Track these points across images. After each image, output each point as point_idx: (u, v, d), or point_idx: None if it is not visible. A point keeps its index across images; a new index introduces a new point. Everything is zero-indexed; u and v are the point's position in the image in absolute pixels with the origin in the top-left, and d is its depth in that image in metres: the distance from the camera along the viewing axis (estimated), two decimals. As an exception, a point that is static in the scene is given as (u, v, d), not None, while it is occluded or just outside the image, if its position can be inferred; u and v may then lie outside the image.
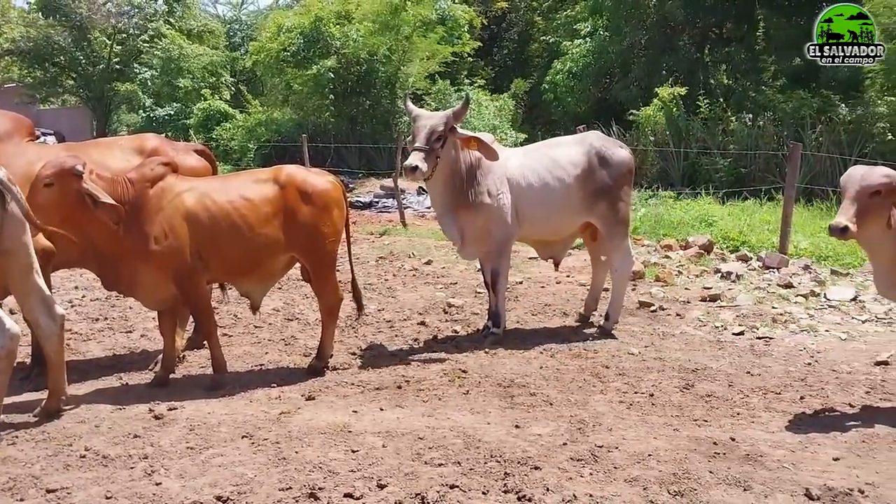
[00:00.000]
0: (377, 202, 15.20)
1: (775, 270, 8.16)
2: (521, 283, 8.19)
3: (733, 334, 6.31)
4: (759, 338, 6.22)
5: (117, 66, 29.83)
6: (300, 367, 5.53)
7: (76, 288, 7.98)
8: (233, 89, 27.35)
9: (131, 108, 29.91)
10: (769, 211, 11.23)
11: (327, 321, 5.40)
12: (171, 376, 5.25)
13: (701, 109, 14.98)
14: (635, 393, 4.99)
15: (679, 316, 6.86)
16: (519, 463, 3.91)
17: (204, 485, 3.71)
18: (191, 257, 4.83)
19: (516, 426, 4.41)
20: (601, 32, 19.97)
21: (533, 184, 6.04)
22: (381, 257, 9.76)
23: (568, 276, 8.51)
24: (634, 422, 4.50)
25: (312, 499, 3.56)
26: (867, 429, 4.39)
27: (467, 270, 8.70)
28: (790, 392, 5.02)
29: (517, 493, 3.59)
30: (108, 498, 3.60)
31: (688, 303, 7.26)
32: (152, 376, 5.27)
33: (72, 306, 7.26)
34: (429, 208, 13.95)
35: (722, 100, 15.06)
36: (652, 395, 4.93)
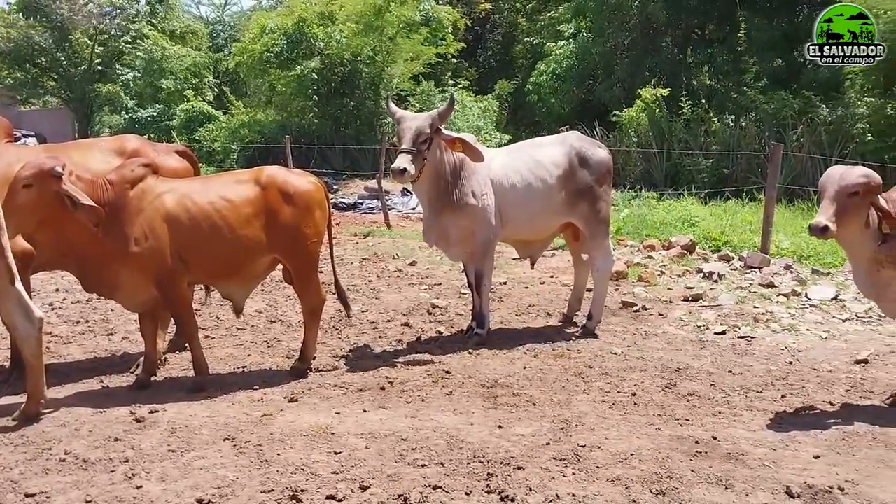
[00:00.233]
0: (361, 203, 15.17)
1: (757, 270, 8.21)
2: (504, 284, 8.20)
3: (715, 334, 6.35)
4: (741, 337, 6.26)
5: (99, 68, 29.63)
6: (283, 369, 5.51)
7: (57, 290, 7.91)
8: (216, 90, 27.27)
9: (114, 109, 29.75)
10: (751, 211, 11.30)
11: (310, 323, 5.38)
12: (153, 379, 5.22)
13: (683, 110, 15.07)
14: (618, 392, 5.01)
15: (661, 316, 6.89)
16: (502, 463, 3.91)
17: (185, 488, 3.69)
18: (171, 259, 4.81)
19: (499, 426, 4.41)
20: (584, 34, 20.05)
21: (516, 185, 6.05)
22: (364, 258, 9.74)
23: (552, 277, 8.53)
24: (617, 421, 4.52)
25: (295, 501, 3.55)
26: (847, 427, 4.43)
27: (451, 271, 8.70)
28: (771, 391, 5.05)
29: (500, 494, 3.59)
30: (87, 502, 3.57)
31: (670, 302, 7.30)
32: (133, 379, 5.23)
33: (52, 309, 7.20)
34: (414, 209, 13.96)
35: (704, 101, 15.15)
36: (634, 395, 4.95)
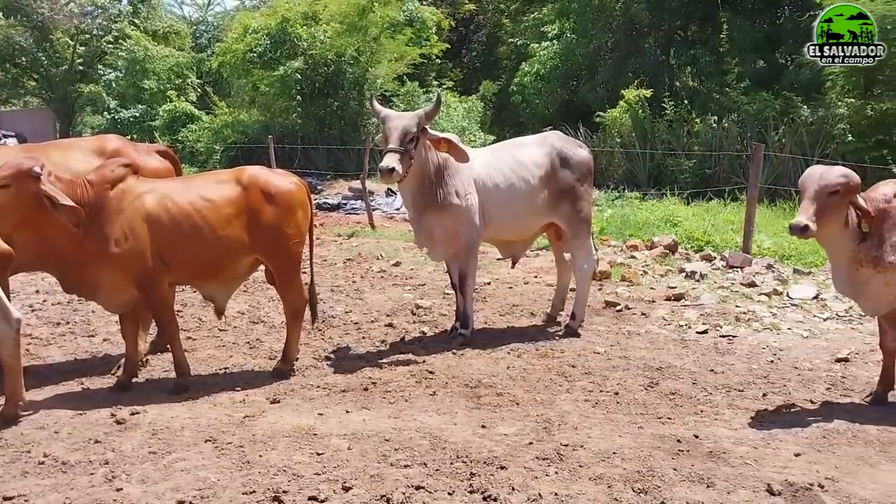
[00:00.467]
0: (345, 204, 15.13)
1: (739, 270, 8.26)
2: (489, 284, 8.21)
3: (697, 333, 6.38)
4: (723, 336, 6.29)
5: (81, 68, 29.38)
6: (265, 370, 5.48)
7: (37, 292, 7.83)
8: (199, 91, 27.13)
9: (96, 109, 29.49)
10: (733, 211, 11.37)
11: (292, 323, 5.35)
12: (134, 380, 5.18)
13: (666, 111, 15.13)
14: (601, 391, 5.03)
15: (644, 315, 6.92)
16: (485, 463, 3.91)
17: (166, 490, 3.66)
18: (152, 260, 4.77)
19: (483, 426, 4.42)
20: (568, 35, 20.10)
21: (499, 185, 6.05)
22: (348, 259, 9.72)
23: (535, 277, 8.54)
24: (600, 420, 4.53)
25: (276, 502, 3.54)
26: (827, 424, 4.47)
27: (436, 272, 8.69)
28: (753, 389, 5.09)
29: (483, 493, 3.59)
30: (66, 505, 3.54)
31: (653, 302, 7.33)
32: (114, 381, 5.18)
33: (32, 310, 7.13)
34: (398, 210, 13.93)
35: (687, 102, 15.22)
36: (617, 394, 4.97)
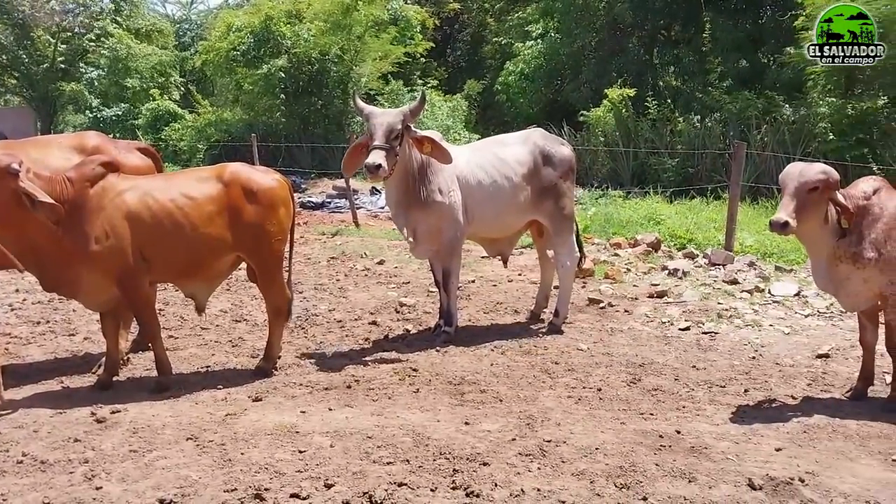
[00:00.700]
0: (329, 202, 15.09)
1: (721, 267, 8.31)
2: (473, 282, 8.21)
3: (680, 329, 6.41)
4: (705, 333, 6.32)
5: (62, 66, 29.09)
6: (248, 368, 5.45)
7: (17, 291, 7.75)
8: (182, 89, 26.98)
9: (78, 108, 29.21)
10: (715, 209, 11.43)
11: (274, 321, 5.32)
12: (115, 379, 5.14)
13: (649, 110, 15.20)
14: (584, 388, 5.04)
15: (627, 312, 6.94)
16: (468, 459, 3.91)
17: (146, 488, 3.64)
18: (133, 258, 4.72)
19: (466, 423, 4.42)
20: (552, 34, 20.16)
21: (482, 182, 6.05)
22: (332, 257, 9.69)
23: (520, 275, 8.55)
24: (582, 416, 4.54)
25: (258, 500, 3.52)
26: (808, 419, 4.50)
27: (420, 270, 8.68)
28: (734, 385, 5.12)
29: (465, 490, 3.59)
30: (45, 504, 3.51)
31: (636, 299, 7.36)
32: (95, 380, 5.14)
33: (12, 309, 7.07)
34: (382, 208, 13.91)
35: (670, 101, 15.30)
36: (600, 390, 4.98)
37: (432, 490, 3.61)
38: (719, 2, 17.65)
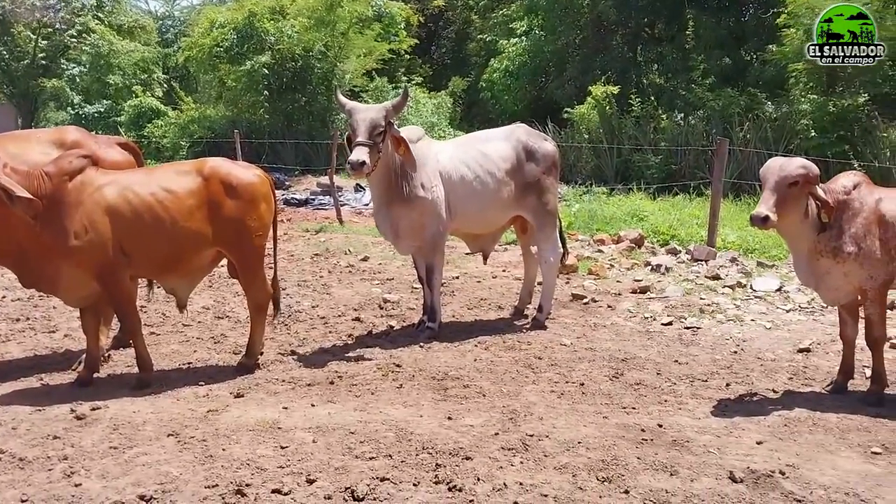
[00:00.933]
0: (313, 199, 15.01)
1: (703, 263, 8.36)
2: (457, 279, 8.20)
3: (662, 324, 6.44)
4: (687, 328, 6.36)
5: (43, 62, 28.78)
6: (230, 365, 5.42)
7: (-4, 288, 7.68)
8: (165, 86, 26.74)
9: (59, 105, 28.91)
10: (698, 206, 11.50)
11: (256, 317, 5.29)
12: (96, 376, 5.09)
13: (633, 108, 15.25)
14: (566, 383, 5.05)
15: (610, 308, 6.97)
16: (450, 454, 3.91)
17: (126, 484, 3.61)
18: (113, 252, 4.68)
19: (449, 418, 4.41)
20: (536, 32, 20.17)
21: (465, 178, 6.05)
22: (316, 254, 9.65)
23: (504, 271, 8.56)
24: (565, 410, 4.55)
25: (239, 495, 3.49)
26: (789, 413, 4.53)
27: (404, 266, 8.66)
28: (716, 379, 5.14)
29: (448, 484, 3.59)
30: (23, 501, 3.47)
31: (619, 295, 7.38)
32: (75, 376, 5.09)
33: (-9, 307, 7.00)
34: (367, 205, 13.87)
35: (653, 98, 15.35)
36: (582, 385, 4.99)
37: (415, 485, 3.61)
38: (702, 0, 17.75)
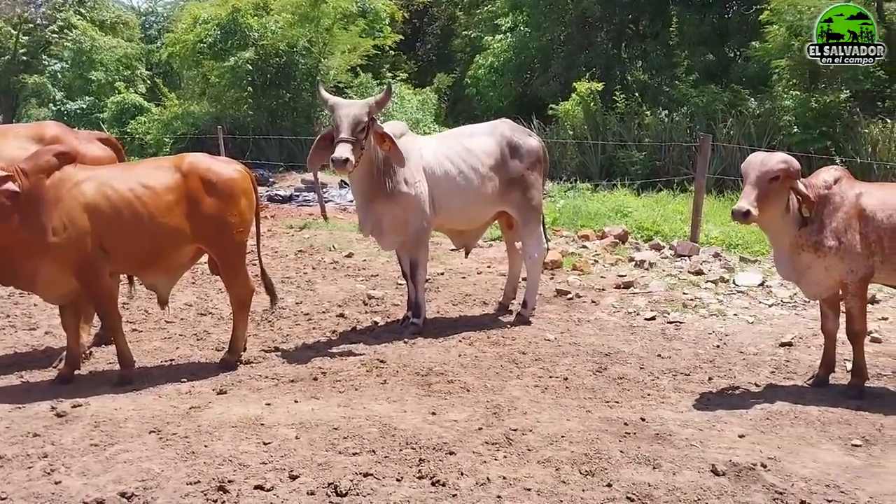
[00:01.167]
0: (297, 196, 14.96)
1: (686, 258, 8.39)
2: (442, 275, 8.19)
3: (645, 319, 6.46)
4: (670, 322, 6.38)
5: (24, 58, 28.55)
6: (212, 361, 5.39)
7: (-24, 286, 7.59)
8: (148, 82, 26.55)
9: (41, 101, 28.66)
10: (682, 202, 11.54)
11: (238, 314, 5.26)
12: (77, 373, 5.05)
13: (617, 104, 15.28)
14: (550, 377, 5.06)
15: (594, 303, 6.98)
16: (434, 449, 3.91)
17: (107, 482, 3.58)
18: (92, 249, 4.64)
19: (433, 413, 4.41)
20: (521, 28, 20.16)
21: (448, 173, 6.03)
22: (300, 251, 9.62)
23: (489, 267, 8.56)
24: (549, 405, 4.56)
25: (221, 492, 3.48)
26: (771, 406, 4.57)
27: (388, 263, 8.64)
28: (699, 373, 5.17)
29: (431, 479, 3.59)
30: (2, 499, 3.43)
31: (603, 290, 7.40)
32: (56, 374, 5.05)
33: (-30, 305, 6.92)
34: (351, 202, 13.83)
35: (637, 94, 15.39)
36: (566, 379, 5.01)
37: (398, 480, 3.60)
38: (686, -4, 17.82)
